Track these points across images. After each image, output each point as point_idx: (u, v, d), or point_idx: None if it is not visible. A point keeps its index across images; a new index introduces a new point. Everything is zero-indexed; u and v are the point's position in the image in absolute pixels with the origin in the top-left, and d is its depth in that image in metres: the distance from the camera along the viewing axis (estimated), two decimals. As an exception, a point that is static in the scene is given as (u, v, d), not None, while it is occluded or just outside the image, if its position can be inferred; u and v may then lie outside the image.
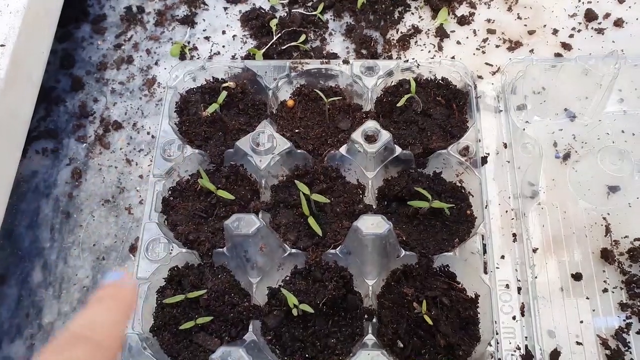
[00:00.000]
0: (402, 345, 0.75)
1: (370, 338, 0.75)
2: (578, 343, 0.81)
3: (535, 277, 0.85)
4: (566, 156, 0.95)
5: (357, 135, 0.85)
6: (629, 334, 0.81)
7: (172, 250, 0.82)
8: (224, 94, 0.91)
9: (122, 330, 0.54)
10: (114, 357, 0.50)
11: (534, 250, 0.87)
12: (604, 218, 0.90)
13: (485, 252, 0.81)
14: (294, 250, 0.82)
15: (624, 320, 0.82)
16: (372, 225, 0.72)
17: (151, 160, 0.97)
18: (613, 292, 0.84)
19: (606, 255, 0.86)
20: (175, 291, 0.81)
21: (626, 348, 0.80)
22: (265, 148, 0.86)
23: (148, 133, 1.03)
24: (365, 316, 0.78)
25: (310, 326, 0.77)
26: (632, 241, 0.87)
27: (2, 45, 0.80)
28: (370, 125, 0.85)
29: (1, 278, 0.92)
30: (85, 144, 1.04)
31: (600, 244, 0.88)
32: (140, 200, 0.97)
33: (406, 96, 0.89)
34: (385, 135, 0.84)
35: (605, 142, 0.96)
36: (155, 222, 0.85)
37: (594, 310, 0.83)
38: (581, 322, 0.82)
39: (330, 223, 0.85)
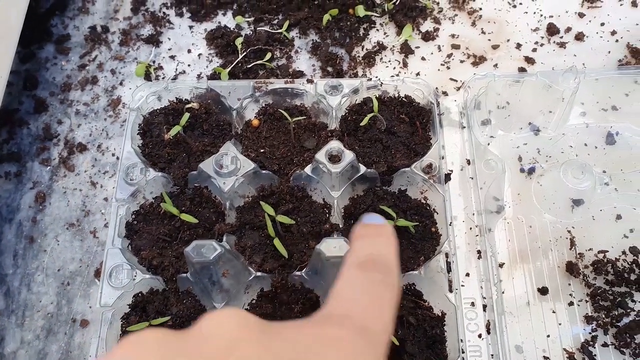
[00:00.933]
0: (368, 366, 0.75)
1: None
2: (545, 358, 0.81)
3: (502, 293, 0.85)
4: (531, 170, 0.96)
5: (320, 156, 0.85)
6: (594, 346, 0.82)
7: (135, 276, 0.81)
8: (186, 115, 0.90)
9: (398, 266, 0.53)
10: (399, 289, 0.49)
11: (500, 265, 0.87)
12: (569, 231, 0.91)
13: (450, 270, 0.81)
14: (259, 273, 0.81)
15: (590, 333, 0.83)
16: (334, 248, 0.71)
17: (116, 183, 0.96)
18: (579, 305, 0.85)
19: (571, 269, 0.87)
20: (140, 317, 0.80)
21: (592, 361, 0.81)
22: (229, 170, 0.86)
23: (113, 154, 1.02)
24: (332, 338, 0.77)
25: (277, 350, 0.76)
26: (596, 253, 0.88)
27: (-44, 72, 0.79)
28: (334, 145, 0.85)
29: (-39, 308, 0.90)
30: (49, 167, 1.02)
31: (565, 257, 0.89)
32: (106, 223, 0.96)
33: (369, 115, 0.89)
34: (348, 155, 0.84)
35: (569, 155, 0.98)
36: (118, 247, 0.83)
37: (560, 324, 0.84)
38: (548, 336, 0.83)
39: (297, 243, 0.85)
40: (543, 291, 0.86)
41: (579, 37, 1.09)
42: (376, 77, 1.00)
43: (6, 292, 0.91)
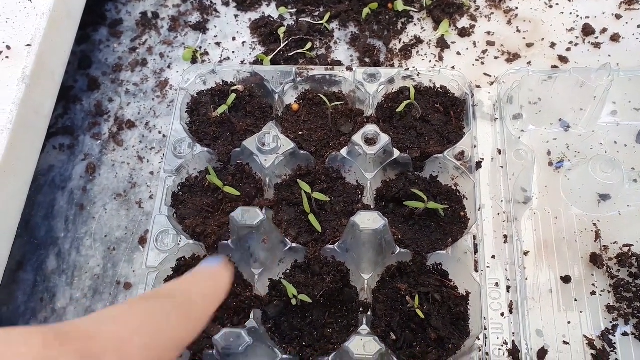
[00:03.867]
0: (394, 337, 0.79)
1: (364, 329, 0.79)
2: (565, 342, 0.84)
3: (526, 279, 0.88)
4: (559, 164, 0.99)
5: (357, 138, 0.89)
6: (614, 335, 0.84)
7: (180, 241, 0.87)
8: (232, 96, 0.96)
9: (213, 309, 0.51)
10: (200, 328, 0.48)
11: (525, 253, 0.90)
12: (594, 224, 0.93)
13: (476, 251, 0.85)
14: (294, 245, 0.86)
15: (611, 322, 0.85)
16: (368, 220, 0.76)
17: (162, 158, 1.02)
18: (601, 295, 0.87)
19: (595, 260, 0.89)
20: (181, 281, 0.85)
21: (611, 349, 0.83)
22: (271, 148, 0.91)
23: (159, 132, 1.09)
24: (361, 309, 0.82)
25: (308, 316, 0.81)
26: (621, 247, 0.90)
27: (29, 45, 0.86)
28: (370, 128, 0.90)
29: (18, 264, 0.97)
30: (99, 141, 1.09)
31: (589, 249, 0.91)
32: (151, 195, 1.02)
33: (405, 102, 0.93)
34: (384, 139, 0.89)
35: (598, 152, 0.99)
36: (165, 215, 0.89)
37: (581, 312, 0.86)
38: (569, 322, 0.86)
39: (330, 221, 0.90)
40: (566, 280, 0.89)
41: (615, 38, 1.11)
42: (414, 67, 1.04)
43: (58, 254, 0.98)
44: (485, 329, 0.81)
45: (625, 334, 0.84)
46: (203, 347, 0.79)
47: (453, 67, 1.09)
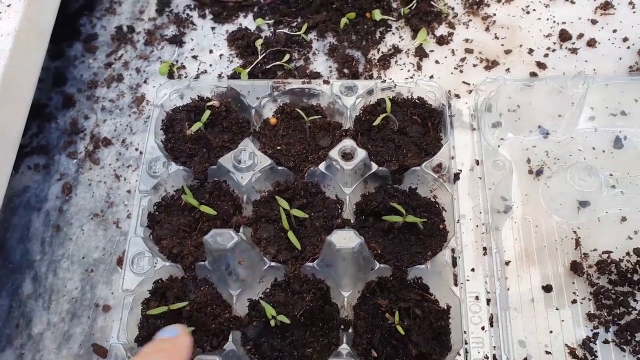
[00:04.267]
0: (375, 354, 0.78)
1: (344, 348, 0.78)
2: (547, 352, 0.84)
3: (508, 289, 0.88)
4: (539, 172, 0.99)
5: (334, 153, 0.89)
6: (595, 343, 0.84)
7: (156, 263, 0.85)
8: (207, 112, 0.94)
9: None
10: None
11: (507, 263, 0.90)
12: (574, 232, 0.93)
13: (455, 265, 0.84)
14: (273, 264, 0.85)
15: (592, 330, 0.85)
16: (344, 239, 0.75)
17: (139, 176, 1.00)
18: (582, 303, 0.88)
19: (576, 268, 0.89)
20: (159, 303, 0.84)
21: (593, 357, 0.83)
22: (247, 165, 0.90)
23: (136, 149, 1.07)
24: (342, 326, 0.81)
25: (289, 336, 0.80)
26: (601, 254, 0.91)
27: (-6, 68, 0.84)
28: (347, 143, 0.89)
29: (-8, 290, 0.95)
30: (75, 160, 1.08)
31: (570, 256, 0.91)
32: (128, 214, 1.00)
33: (382, 115, 0.93)
34: (361, 154, 0.88)
35: (577, 158, 1.00)
36: (140, 236, 0.88)
37: (563, 321, 0.86)
38: (550, 332, 0.86)
39: (310, 237, 0.89)
40: (547, 289, 0.89)
41: (591, 43, 1.11)
42: (390, 79, 1.03)
43: (34, 277, 0.96)
44: (466, 344, 0.81)
45: (606, 341, 0.84)
46: None
47: (432, 77, 1.09)
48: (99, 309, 0.93)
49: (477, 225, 0.92)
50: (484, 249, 0.90)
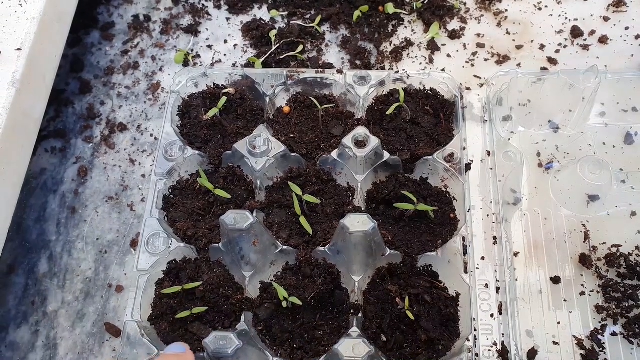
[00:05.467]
0: (385, 339, 0.79)
1: (354, 330, 0.79)
2: (555, 343, 0.85)
3: (516, 280, 0.89)
4: (549, 166, 0.99)
5: (347, 140, 0.90)
6: (603, 335, 0.85)
7: (171, 244, 0.87)
8: (223, 99, 0.96)
9: None
10: None
11: (515, 254, 0.91)
12: (584, 225, 0.94)
13: (466, 253, 0.85)
14: (285, 247, 0.86)
15: (600, 322, 0.86)
16: (358, 223, 0.76)
17: (153, 161, 1.02)
18: (590, 296, 0.88)
19: (584, 261, 0.90)
20: (173, 283, 0.85)
21: (600, 349, 0.84)
22: (261, 151, 0.91)
23: (151, 135, 1.09)
24: (352, 311, 0.82)
25: (299, 319, 0.81)
26: (610, 247, 0.91)
27: (19, 49, 0.86)
28: (360, 131, 0.90)
29: (9, 268, 0.97)
30: (91, 144, 1.09)
31: (579, 249, 0.92)
32: (142, 198, 1.02)
33: (395, 105, 0.94)
34: (374, 141, 0.89)
35: (587, 153, 1.00)
36: (156, 217, 0.90)
37: (571, 312, 0.87)
38: (558, 323, 0.86)
39: (321, 223, 0.90)
40: (555, 280, 0.89)
41: (603, 40, 1.12)
42: (404, 70, 1.05)
43: (49, 257, 0.98)
44: (475, 330, 0.82)
45: (614, 334, 0.85)
46: (194, 349, 0.79)
47: (443, 70, 1.10)
48: (112, 289, 0.94)
49: (487, 215, 0.93)
50: (494, 238, 0.91)
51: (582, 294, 0.88)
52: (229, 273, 0.87)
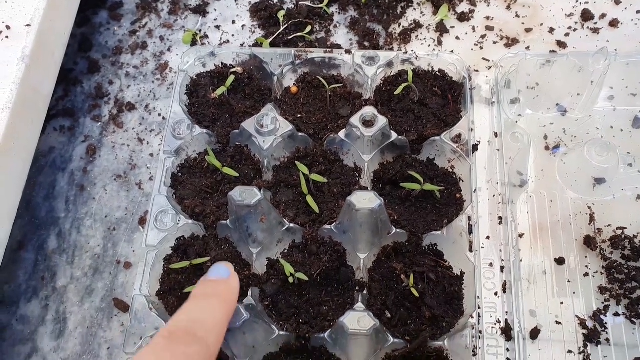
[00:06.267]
0: (389, 315, 0.80)
1: (359, 306, 0.80)
2: (557, 322, 0.85)
3: (520, 261, 0.90)
4: (555, 148, 1.00)
5: (355, 120, 0.90)
6: (606, 315, 0.85)
7: (179, 221, 0.88)
8: (231, 77, 0.96)
9: (225, 328, 0.56)
10: (216, 354, 0.51)
11: (520, 236, 0.91)
12: (589, 207, 0.94)
13: (471, 232, 0.86)
14: (292, 225, 0.87)
15: (603, 303, 0.86)
16: (364, 200, 0.77)
17: (161, 140, 1.03)
18: (594, 277, 0.89)
19: (589, 242, 0.90)
20: (181, 259, 0.86)
21: (603, 328, 0.84)
22: (269, 130, 0.92)
23: (159, 114, 1.09)
24: (357, 288, 0.83)
25: (305, 295, 0.82)
26: (615, 230, 0.92)
27: (29, 25, 0.86)
28: (368, 110, 0.91)
29: (19, 244, 0.98)
30: (100, 123, 1.10)
31: (584, 231, 0.92)
32: (150, 176, 1.03)
33: (403, 85, 0.94)
34: (381, 121, 0.90)
35: (595, 136, 1.00)
36: (164, 195, 0.90)
37: (574, 293, 0.88)
38: (561, 303, 0.87)
39: (327, 202, 0.91)
40: (560, 261, 0.90)
41: (613, 23, 1.11)
42: (412, 51, 1.04)
43: (58, 234, 0.99)
44: (479, 308, 0.83)
45: (616, 314, 0.85)
46: None
47: (452, 52, 1.10)
48: (120, 265, 0.96)
49: (493, 195, 0.93)
50: (500, 218, 0.92)
51: (586, 275, 0.89)
52: (237, 250, 0.88)
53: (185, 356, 0.49)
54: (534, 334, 0.84)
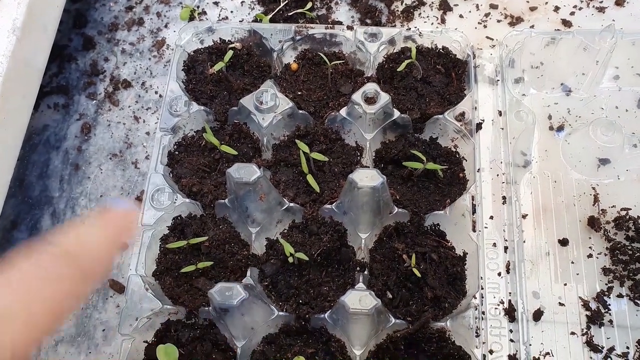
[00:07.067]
0: (391, 295, 0.79)
1: (361, 286, 0.78)
2: (560, 304, 0.84)
3: (524, 242, 0.88)
4: (560, 128, 0.98)
5: (357, 97, 0.88)
6: (609, 297, 0.85)
7: (176, 199, 0.86)
8: (230, 53, 0.94)
9: (112, 257, 0.50)
10: (96, 282, 0.48)
11: (524, 217, 0.90)
12: (593, 188, 0.93)
13: (474, 211, 0.84)
14: (292, 205, 0.85)
15: (606, 284, 0.85)
16: (366, 177, 0.75)
17: (158, 118, 1.00)
18: (597, 258, 0.88)
19: (593, 223, 0.89)
20: (178, 239, 0.85)
21: (606, 310, 0.84)
22: (268, 106, 0.90)
23: (156, 92, 1.07)
24: (358, 268, 0.82)
25: (305, 275, 0.81)
26: (619, 211, 0.90)
27: (19, -4, 0.84)
28: (370, 87, 0.88)
29: (12, 224, 0.96)
30: (95, 101, 1.08)
31: (588, 212, 0.91)
32: (147, 155, 1.01)
33: (406, 61, 0.92)
34: (384, 97, 0.87)
35: (599, 116, 0.98)
36: (160, 173, 0.88)
37: (577, 274, 0.87)
38: (565, 284, 0.86)
39: (328, 181, 0.89)
40: (563, 242, 0.89)
41: (619, 2, 1.09)
42: (416, 27, 1.02)
43: (52, 213, 0.97)
44: (482, 289, 0.82)
45: (620, 295, 0.84)
46: (199, 304, 0.79)
47: (456, 29, 1.07)
48: (116, 245, 0.94)
49: (497, 175, 0.92)
50: (503, 198, 0.90)
51: (590, 256, 0.88)
52: (235, 230, 0.86)
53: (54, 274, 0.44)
54: (537, 315, 0.83)
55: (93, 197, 0.98)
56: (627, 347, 0.81)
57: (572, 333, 0.82)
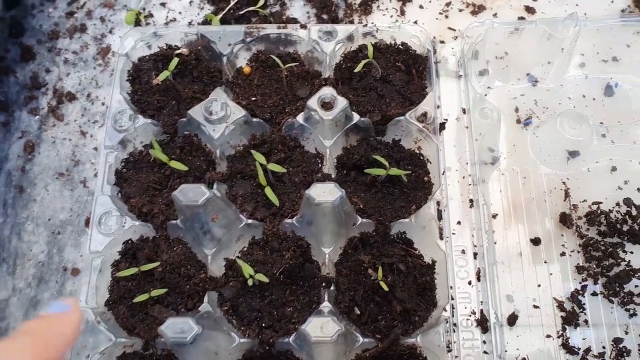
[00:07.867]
0: (358, 312, 0.75)
1: (326, 305, 0.74)
2: (535, 306, 0.82)
3: (495, 243, 0.85)
4: (527, 122, 0.95)
5: (312, 103, 0.83)
6: (584, 296, 0.83)
7: (125, 223, 0.80)
8: (175, 60, 0.88)
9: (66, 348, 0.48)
10: None
11: (494, 216, 0.87)
12: (564, 182, 0.90)
13: (440, 218, 0.81)
14: (250, 221, 0.81)
15: (580, 283, 0.83)
16: (324, 192, 0.71)
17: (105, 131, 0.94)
18: (570, 256, 0.85)
19: (565, 220, 0.87)
20: (130, 264, 0.79)
21: (581, 309, 0.81)
22: (219, 117, 0.84)
23: (103, 104, 1.00)
24: (323, 284, 0.78)
25: (267, 295, 0.76)
26: (590, 205, 0.88)
27: None
28: (326, 91, 0.83)
29: (-48, 255, 0.89)
30: (37, 117, 1.01)
31: (559, 208, 0.88)
32: (95, 172, 0.94)
33: (363, 62, 0.87)
34: (341, 102, 0.83)
35: (567, 106, 0.96)
36: (107, 194, 0.83)
37: (551, 274, 0.84)
38: (539, 286, 0.84)
39: (289, 193, 0.84)
40: (535, 242, 0.86)
41: (582, -15, 1.06)
42: (372, 23, 0.97)
43: (-3, 241, 0.91)
44: (453, 299, 0.78)
45: (594, 293, 0.83)
46: (156, 334, 0.74)
47: (415, 22, 1.03)
48: (67, 272, 0.88)
49: (463, 177, 0.88)
50: (471, 201, 0.87)
51: (563, 254, 0.85)
52: (191, 251, 0.81)
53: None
54: (512, 319, 0.80)
55: (40, 221, 0.92)
56: (603, 347, 0.79)
57: (548, 336, 0.80)
